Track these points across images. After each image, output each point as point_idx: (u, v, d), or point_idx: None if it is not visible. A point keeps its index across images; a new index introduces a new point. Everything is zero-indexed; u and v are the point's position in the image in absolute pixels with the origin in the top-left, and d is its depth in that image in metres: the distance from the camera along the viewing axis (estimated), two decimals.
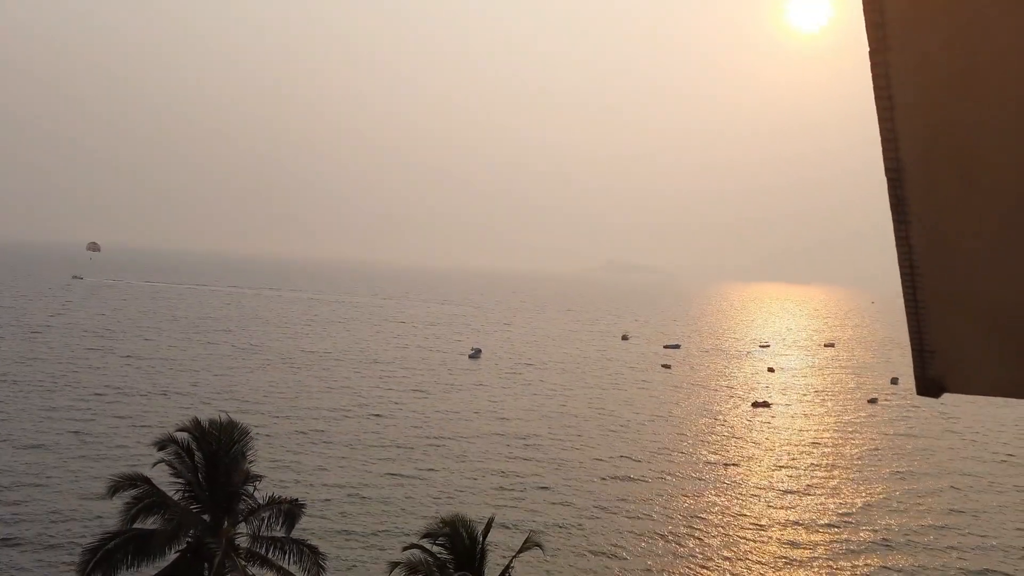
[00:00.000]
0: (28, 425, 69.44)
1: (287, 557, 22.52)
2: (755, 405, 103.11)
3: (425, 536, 25.77)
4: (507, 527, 48.68)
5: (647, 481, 64.00)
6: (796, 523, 56.10)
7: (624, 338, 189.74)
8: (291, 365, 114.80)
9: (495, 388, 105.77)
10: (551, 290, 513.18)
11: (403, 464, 64.73)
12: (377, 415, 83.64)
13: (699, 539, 51.76)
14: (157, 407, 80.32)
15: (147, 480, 21.69)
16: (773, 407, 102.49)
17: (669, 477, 65.58)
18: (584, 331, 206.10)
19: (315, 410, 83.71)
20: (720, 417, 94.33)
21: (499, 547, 40.74)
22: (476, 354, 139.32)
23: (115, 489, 21.59)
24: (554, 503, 57.28)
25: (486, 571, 24.94)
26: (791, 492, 63.62)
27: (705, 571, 46.76)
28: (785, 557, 49.60)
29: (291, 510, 22.61)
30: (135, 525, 21.14)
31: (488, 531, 25.20)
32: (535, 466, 66.77)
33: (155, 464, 22.62)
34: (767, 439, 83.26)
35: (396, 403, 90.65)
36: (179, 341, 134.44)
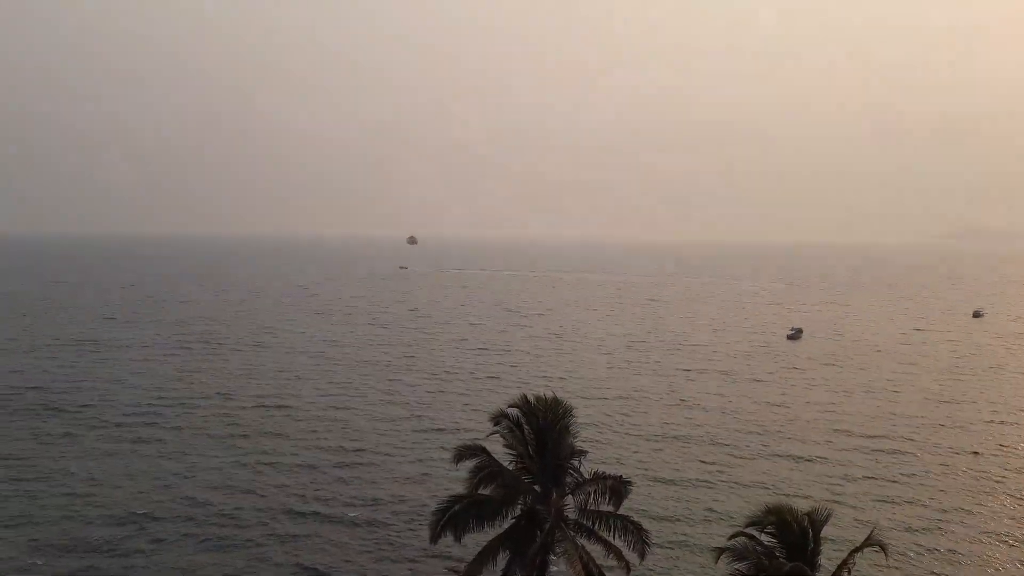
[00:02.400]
0: (375, 403, 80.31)
1: (612, 531, 23.65)
2: None
3: (751, 524, 25.35)
4: (840, 523, 46.02)
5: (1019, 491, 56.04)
6: None
7: (976, 315, 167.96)
8: (600, 350, 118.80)
9: (819, 374, 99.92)
10: (881, 264, 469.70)
11: (717, 453, 64.00)
12: (685, 401, 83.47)
13: None
14: (484, 387, 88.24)
15: (485, 450, 24.16)
16: None
17: None
18: (922, 309, 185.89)
19: (624, 393, 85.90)
20: None
21: (833, 542, 38.76)
22: (796, 334, 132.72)
23: (459, 457, 24.40)
24: (898, 501, 52.81)
25: (820, 565, 23.89)
26: None
27: None
28: None
29: (616, 486, 23.69)
30: (477, 491, 23.78)
31: (824, 523, 24.11)
32: (867, 460, 62.10)
33: (489, 435, 25.05)
34: None
35: (707, 391, 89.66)
36: (500, 325, 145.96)
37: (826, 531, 40.42)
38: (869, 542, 23.77)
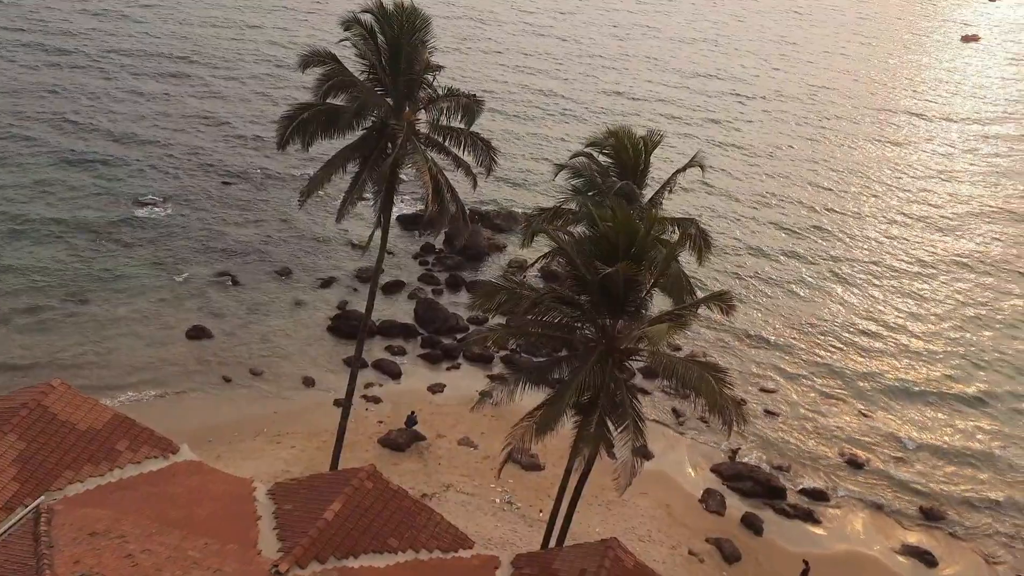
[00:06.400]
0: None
1: (463, 147, 24.86)
2: None
3: (591, 144, 27.60)
4: (674, 148, 50.48)
5: None
6: None
7: None
8: None
9: None
10: None
11: (564, 90, 65.69)
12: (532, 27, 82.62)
13: None
14: None
15: (335, 58, 23.61)
16: None
17: None
18: None
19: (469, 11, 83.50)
20: None
21: (664, 167, 42.77)
22: None
23: (305, 63, 23.78)
24: (725, 134, 57.71)
25: (647, 183, 26.70)
26: None
27: None
28: None
29: (469, 104, 24.27)
30: (326, 101, 23.72)
31: (655, 146, 26.45)
32: (720, 102, 66.09)
33: (339, 42, 24.35)
34: None
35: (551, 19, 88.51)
36: None
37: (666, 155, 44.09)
38: (691, 164, 26.61)
